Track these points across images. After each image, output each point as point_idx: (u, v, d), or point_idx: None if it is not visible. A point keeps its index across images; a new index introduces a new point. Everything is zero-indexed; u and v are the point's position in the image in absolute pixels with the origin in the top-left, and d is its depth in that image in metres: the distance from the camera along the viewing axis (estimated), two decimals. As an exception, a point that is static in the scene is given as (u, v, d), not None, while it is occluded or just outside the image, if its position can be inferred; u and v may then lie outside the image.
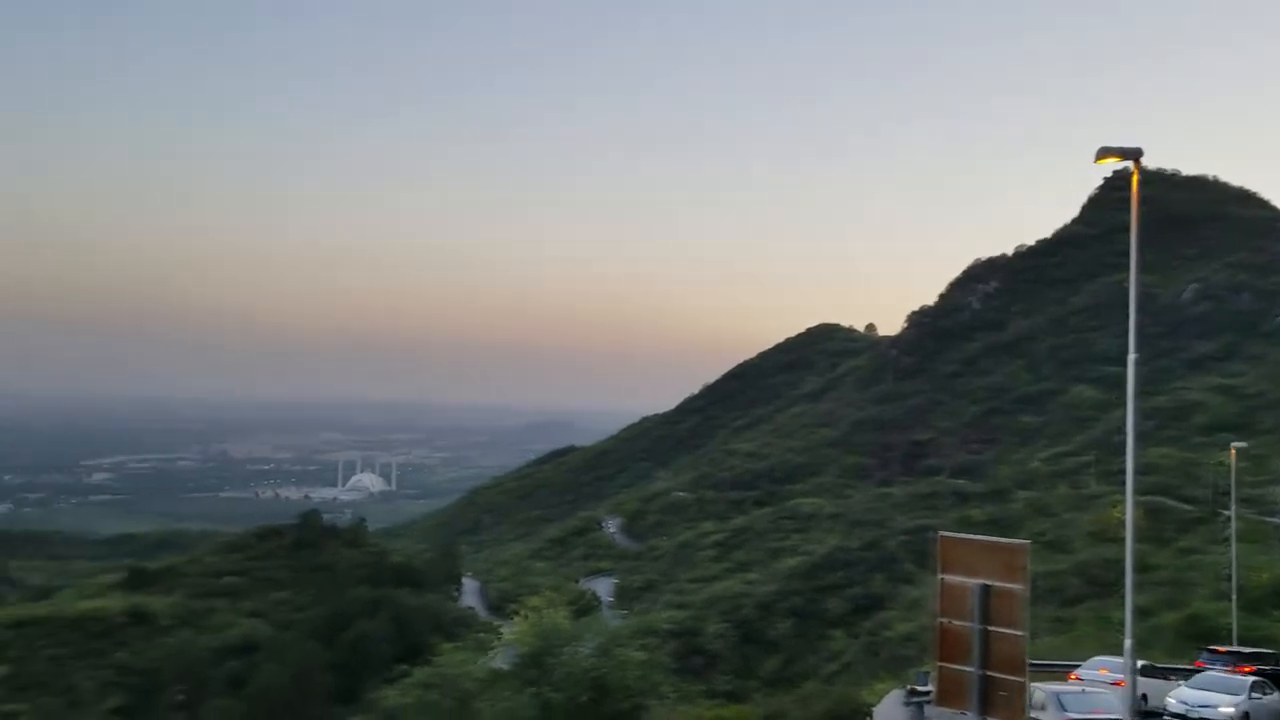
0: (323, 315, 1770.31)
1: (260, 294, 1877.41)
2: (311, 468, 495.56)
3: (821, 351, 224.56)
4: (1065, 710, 25.02)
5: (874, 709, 33.10)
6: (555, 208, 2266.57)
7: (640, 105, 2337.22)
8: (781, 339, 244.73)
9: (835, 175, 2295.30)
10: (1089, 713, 24.97)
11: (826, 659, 74.30)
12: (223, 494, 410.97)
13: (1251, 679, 30.90)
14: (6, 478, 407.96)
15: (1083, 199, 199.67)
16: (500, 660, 27.54)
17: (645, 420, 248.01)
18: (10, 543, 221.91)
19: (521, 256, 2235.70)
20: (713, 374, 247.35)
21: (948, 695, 12.43)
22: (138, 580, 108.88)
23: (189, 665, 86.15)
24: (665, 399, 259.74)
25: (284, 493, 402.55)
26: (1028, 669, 11.75)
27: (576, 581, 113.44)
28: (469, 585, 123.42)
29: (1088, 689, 27.01)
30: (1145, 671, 30.18)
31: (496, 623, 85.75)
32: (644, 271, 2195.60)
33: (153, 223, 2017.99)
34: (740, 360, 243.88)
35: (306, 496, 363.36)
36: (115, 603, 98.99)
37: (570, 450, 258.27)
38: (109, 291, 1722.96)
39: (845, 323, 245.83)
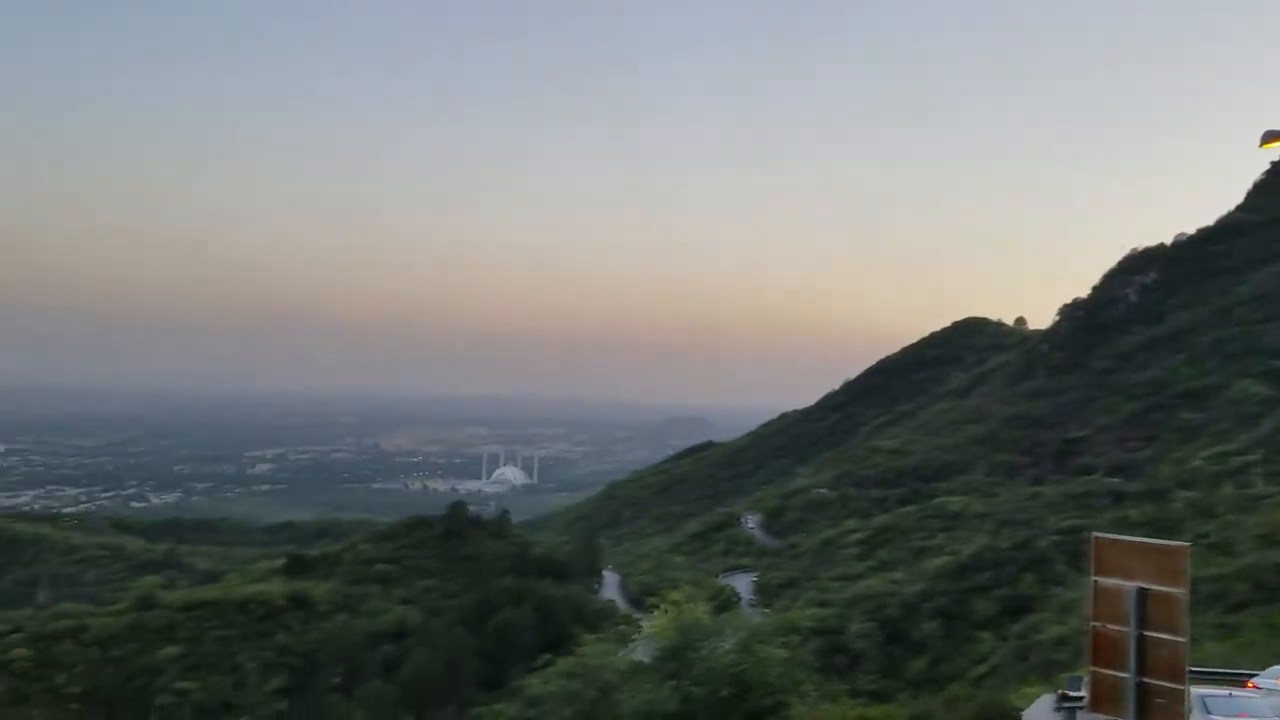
0: (469, 314, 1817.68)
1: (410, 296, 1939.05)
2: (457, 460, 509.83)
3: (969, 346, 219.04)
4: (1210, 713, 23.98)
5: (1023, 713, 32.23)
6: (696, 203, 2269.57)
7: (775, 96, 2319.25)
8: (926, 334, 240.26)
9: (981, 166, 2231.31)
10: (1234, 717, 23.88)
11: (974, 661, 72.42)
12: (374, 485, 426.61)
13: None
14: (177, 468, 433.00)
15: (1248, 184, 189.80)
16: (640, 653, 27.82)
17: (784, 416, 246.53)
18: (180, 529, 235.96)
19: (661, 253, 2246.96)
20: (853, 370, 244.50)
21: (1102, 701, 12.08)
22: (297, 566, 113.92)
23: (345, 649, 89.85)
24: (804, 395, 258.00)
25: (431, 485, 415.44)
26: (1187, 676, 11.33)
27: (716, 577, 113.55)
28: (609, 578, 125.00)
29: (1235, 693, 25.82)
30: None
31: (637, 616, 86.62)
32: (783, 267, 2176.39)
33: (309, 225, 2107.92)
34: (882, 356, 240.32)
35: (453, 488, 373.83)
36: (277, 587, 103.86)
37: (709, 446, 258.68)
38: (272, 295, 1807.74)
39: (993, 316, 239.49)
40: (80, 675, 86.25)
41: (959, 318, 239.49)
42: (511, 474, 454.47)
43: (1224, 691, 26.00)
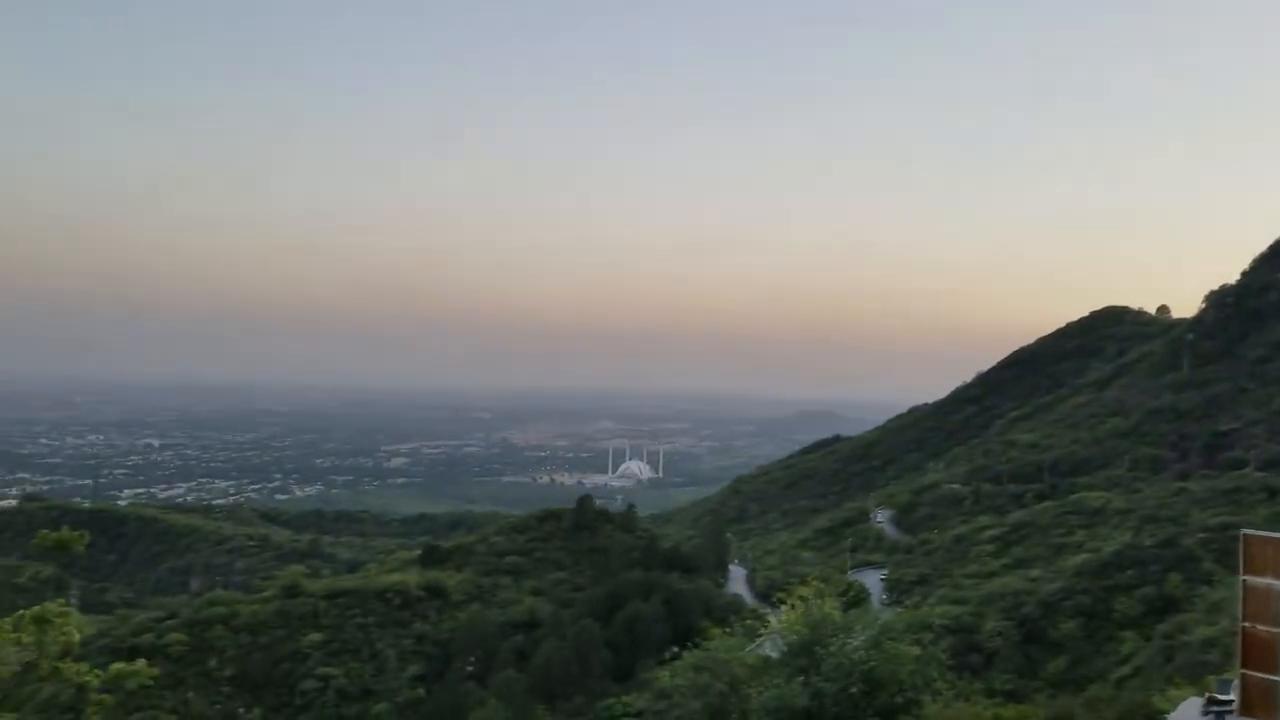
0: (595, 312, 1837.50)
1: (538, 295, 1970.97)
2: (584, 455, 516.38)
3: (1108, 337, 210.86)
4: None
5: (1169, 717, 31.02)
6: (819, 198, 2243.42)
7: (907, 89, 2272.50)
8: (1063, 324, 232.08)
9: (1118, 150, 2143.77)
10: None
11: (1116, 662, 69.96)
12: (504, 479, 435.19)
13: None
14: (318, 462, 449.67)
15: None
16: (769, 648, 27.73)
17: (914, 410, 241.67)
18: (322, 521, 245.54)
19: (787, 248, 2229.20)
20: (982, 363, 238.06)
21: (1253, 705, 11.67)
22: (432, 557, 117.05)
23: (479, 638, 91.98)
24: (932, 389, 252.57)
25: (559, 478, 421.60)
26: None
27: (845, 573, 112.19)
28: (735, 572, 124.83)
29: None
30: None
31: (764, 610, 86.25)
32: (912, 258, 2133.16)
33: (442, 227, 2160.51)
34: (1015, 348, 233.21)
35: (580, 482, 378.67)
36: (414, 577, 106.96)
37: (837, 440, 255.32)
38: (405, 296, 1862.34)
39: (1133, 305, 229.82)
40: (231, 659, 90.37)
41: (1097, 307, 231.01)
42: (637, 468, 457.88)
43: None
